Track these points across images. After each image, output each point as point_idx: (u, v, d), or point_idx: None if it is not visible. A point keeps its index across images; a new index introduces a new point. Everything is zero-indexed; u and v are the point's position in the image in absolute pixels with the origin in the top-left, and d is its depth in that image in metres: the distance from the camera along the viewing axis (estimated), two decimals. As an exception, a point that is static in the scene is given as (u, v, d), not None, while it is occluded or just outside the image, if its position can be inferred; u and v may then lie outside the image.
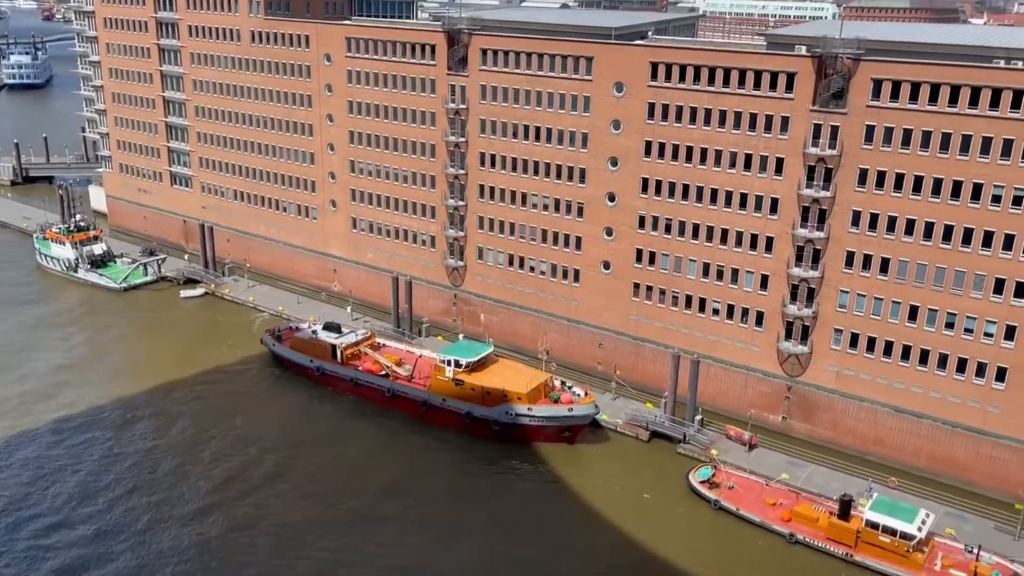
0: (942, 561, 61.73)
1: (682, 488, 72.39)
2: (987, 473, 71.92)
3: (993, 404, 70.94)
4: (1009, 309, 68.81)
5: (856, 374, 77.23)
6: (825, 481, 72.73)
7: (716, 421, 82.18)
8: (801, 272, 77.63)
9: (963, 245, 69.74)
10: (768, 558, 64.16)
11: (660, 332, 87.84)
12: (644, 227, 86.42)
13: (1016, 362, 69.28)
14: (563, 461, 76.34)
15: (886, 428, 76.34)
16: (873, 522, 62.94)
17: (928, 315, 72.69)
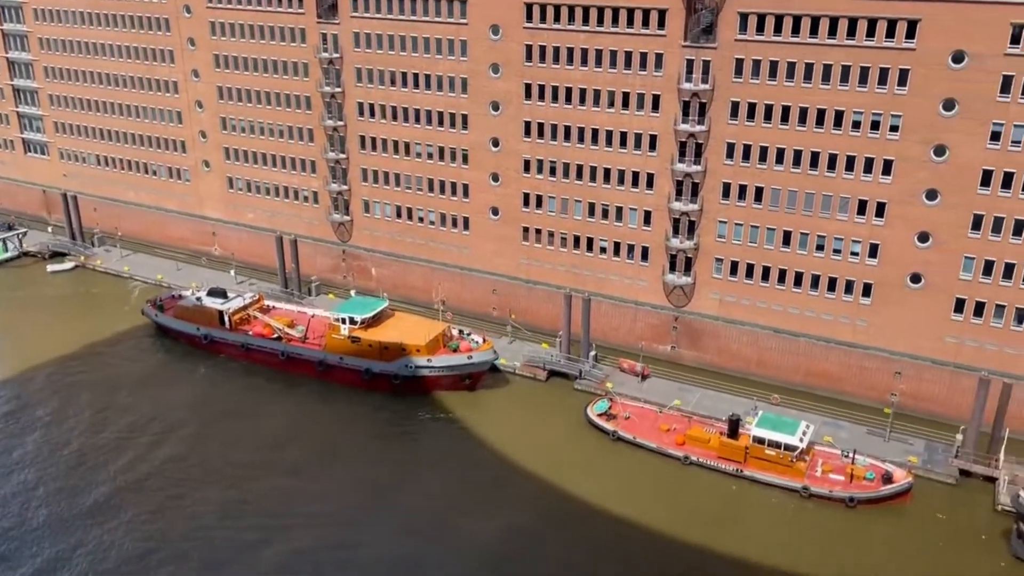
0: (822, 467, 66.35)
1: (581, 423, 74.65)
2: (858, 383, 77.33)
3: (861, 318, 76.00)
4: (871, 229, 73.33)
5: (737, 300, 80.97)
6: (714, 404, 76.51)
7: (610, 356, 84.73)
8: (681, 206, 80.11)
9: (828, 170, 73.49)
10: (666, 481, 67.30)
11: (551, 274, 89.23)
12: (529, 171, 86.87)
13: (880, 278, 74.21)
14: (466, 408, 77.19)
15: (767, 349, 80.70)
16: (759, 437, 66.81)
17: (800, 239, 76.62)
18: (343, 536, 60.92)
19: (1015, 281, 69.04)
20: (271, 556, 58.70)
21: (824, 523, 62.38)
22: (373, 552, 58.88)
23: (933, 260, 71.67)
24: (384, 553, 58.78)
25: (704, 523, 62.22)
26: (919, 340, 73.99)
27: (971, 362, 71.98)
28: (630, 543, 60.17)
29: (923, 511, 63.31)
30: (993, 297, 70.27)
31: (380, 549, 59.17)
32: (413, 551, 58.93)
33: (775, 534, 61.18)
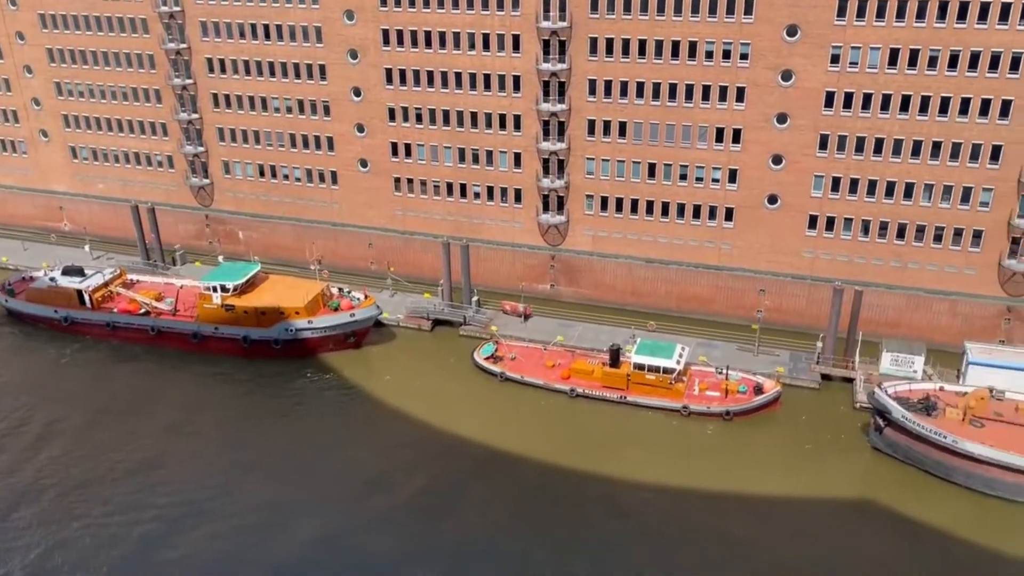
0: (699, 386, 69.98)
1: (469, 368, 75.45)
2: (727, 303, 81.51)
3: (725, 242, 79.72)
4: (730, 155, 76.49)
5: (609, 234, 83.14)
6: (595, 336, 78.92)
7: (492, 299, 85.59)
8: (549, 146, 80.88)
9: (686, 101, 75.77)
10: (554, 414, 69.32)
11: (427, 223, 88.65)
12: (395, 120, 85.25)
13: (740, 202, 77.80)
14: (353, 366, 76.39)
15: (640, 279, 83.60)
16: (639, 364, 69.59)
17: (664, 170, 79.06)
18: (235, 503, 59.64)
19: (859, 196, 73.97)
20: (179, 541, 56.72)
21: (704, 438, 66.08)
22: (288, 527, 57.87)
23: (787, 181, 75.69)
24: (294, 526, 57.92)
25: (593, 449, 64.68)
26: (779, 258, 78.46)
27: (826, 274, 77.09)
28: (524, 476, 61.87)
29: (791, 416, 68.04)
30: (841, 212, 75.11)
31: (289, 523, 58.23)
32: (324, 522, 58.31)
33: (659, 453, 64.34)
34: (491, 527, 56.93)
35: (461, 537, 56.08)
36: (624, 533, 56.15)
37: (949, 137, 69.77)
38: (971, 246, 72.70)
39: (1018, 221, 70.18)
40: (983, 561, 53.31)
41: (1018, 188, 69.61)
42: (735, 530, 56.32)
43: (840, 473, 61.67)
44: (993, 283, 73.30)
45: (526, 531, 56.57)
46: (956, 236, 72.83)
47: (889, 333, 75.22)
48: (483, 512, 58.33)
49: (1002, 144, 68.64)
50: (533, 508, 58.81)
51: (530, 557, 54.30)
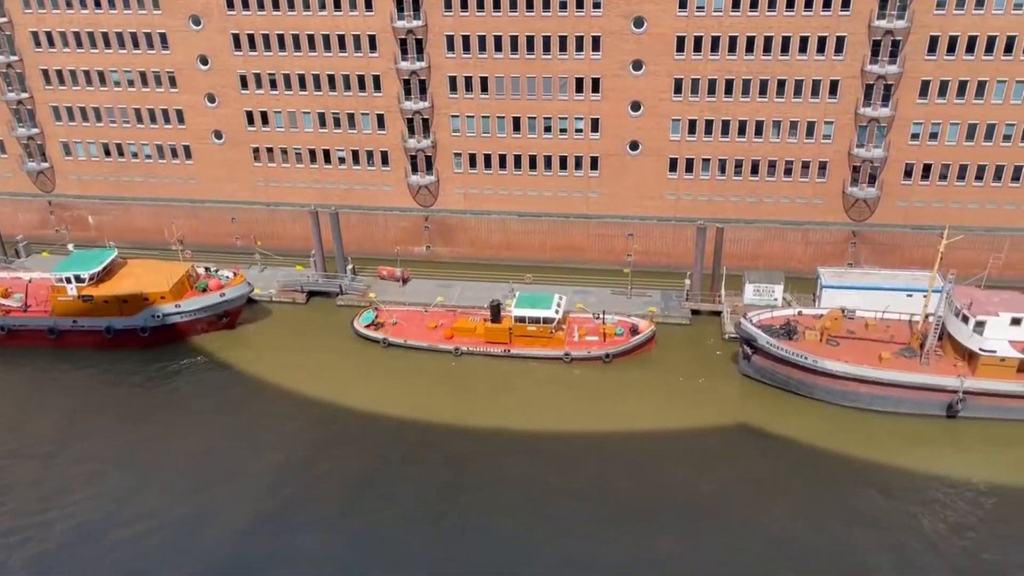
0: (578, 332, 71.87)
1: (350, 337, 74.43)
2: (599, 250, 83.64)
3: (593, 190, 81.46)
4: (591, 104, 77.77)
5: (480, 192, 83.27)
6: (475, 294, 79.39)
7: (367, 266, 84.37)
8: (413, 105, 79.70)
9: (545, 52, 76.19)
10: (441, 374, 69.60)
11: (291, 192, 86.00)
12: (248, 87, 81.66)
13: (603, 150, 79.48)
14: (229, 347, 73.76)
15: (514, 233, 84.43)
16: (520, 316, 70.66)
17: (529, 123, 79.61)
18: (123, 511, 56.65)
19: (715, 136, 77.02)
20: (43, 555, 53.68)
21: (587, 382, 68.17)
22: (163, 518, 55.62)
23: (646, 127, 77.83)
24: (173, 516, 55.78)
25: (480, 404, 65.55)
26: (644, 202, 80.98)
27: (689, 214, 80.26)
28: (413, 438, 62.03)
29: (667, 352, 71.06)
30: (699, 153, 78.08)
31: (169, 514, 56.01)
32: (203, 504, 56.52)
33: (544, 401, 65.92)
34: (387, 490, 56.94)
35: (353, 504, 55.86)
36: (516, 481, 57.43)
37: (792, 75, 73.47)
38: (818, 177, 77.35)
39: (857, 151, 75.11)
40: (845, 466, 57.93)
41: (855, 120, 74.33)
42: (622, 465, 58.70)
43: (714, 401, 65.17)
44: (839, 211, 78.47)
45: (425, 491, 56.92)
46: (804, 169, 77.25)
47: (750, 265, 79.42)
48: (379, 477, 58.19)
49: (839, 79, 72.91)
50: (428, 469, 59.14)
51: (431, 516, 54.80)
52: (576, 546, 51.97)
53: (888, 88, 72.58)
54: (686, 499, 55.58)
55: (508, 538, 52.81)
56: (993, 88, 71.14)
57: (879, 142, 74.77)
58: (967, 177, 74.98)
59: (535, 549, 51.94)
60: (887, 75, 71.85)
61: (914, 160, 75.20)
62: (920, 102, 72.71)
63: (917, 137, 74.28)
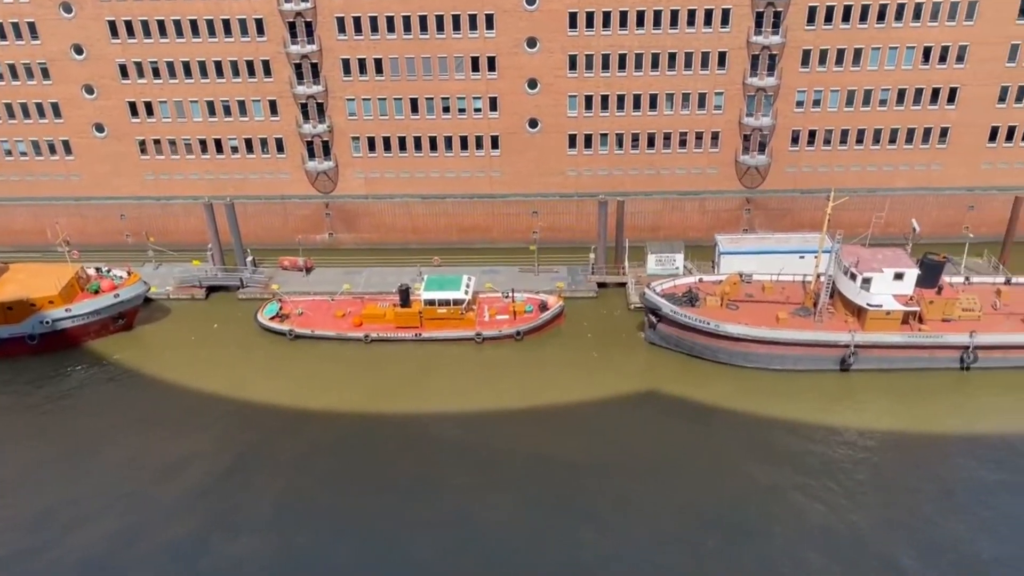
0: (489, 312, 72.16)
1: (255, 331, 72.55)
2: (504, 229, 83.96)
3: (495, 170, 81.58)
4: (488, 83, 77.64)
5: (382, 175, 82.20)
6: (382, 279, 78.54)
7: (268, 257, 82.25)
8: (305, 90, 77.74)
9: (438, 32, 75.45)
10: (352, 363, 68.70)
11: (184, 185, 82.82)
12: (129, 77, 77.88)
13: (503, 129, 79.57)
14: (127, 350, 70.69)
15: (419, 216, 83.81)
16: (430, 300, 70.39)
17: (427, 104, 78.86)
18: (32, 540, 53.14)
19: (611, 111, 78.19)
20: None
21: (499, 360, 68.61)
22: (77, 540, 53.01)
23: (544, 104, 78.31)
24: (92, 537, 53.16)
25: (395, 390, 65.12)
26: (546, 179, 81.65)
27: (590, 189, 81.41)
28: (328, 429, 61.18)
29: (576, 326, 72.18)
30: (597, 128, 79.15)
31: (86, 534, 53.31)
32: (126, 520, 53.98)
33: (460, 381, 66.04)
34: (310, 485, 56.05)
35: (280, 503, 54.79)
36: (436, 464, 57.46)
37: (682, 48, 75.17)
38: (711, 147, 79.67)
39: (747, 120, 77.68)
40: (750, 423, 60.36)
41: (743, 90, 76.77)
42: (537, 440, 59.49)
43: (624, 370, 66.67)
44: (732, 179, 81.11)
45: (345, 483, 56.27)
46: (698, 140, 79.42)
47: (651, 237, 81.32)
48: (298, 473, 57.18)
49: (727, 51, 75.05)
50: (346, 459, 58.46)
51: (353, 509, 54.28)
52: (502, 522, 52.47)
53: (773, 58, 75.21)
54: (602, 466, 56.79)
55: (438, 523, 52.83)
56: (869, 55, 74.67)
57: (767, 111, 77.53)
58: (849, 142, 78.68)
59: (466, 532, 52.19)
60: (771, 46, 74.42)
61: (800, 127, 78.35)
62: (803, 71, 75.67)
63: (802, 105, 77.37)
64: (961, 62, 74.71)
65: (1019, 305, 65.62)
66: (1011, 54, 74.24)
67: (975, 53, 74.23)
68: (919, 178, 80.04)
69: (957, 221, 79.77)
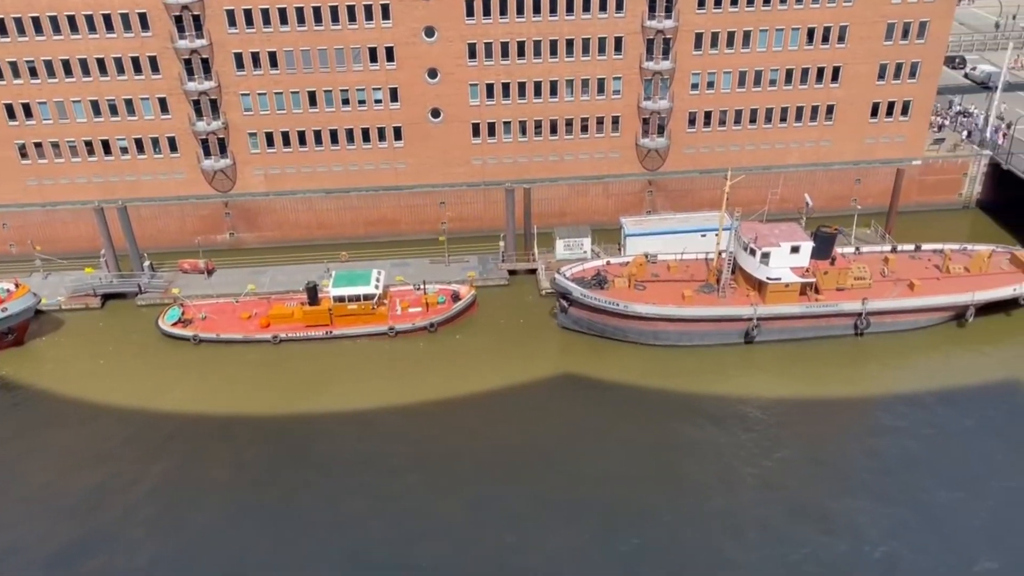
0: (401, 305, 71.51)
1: (157, 338, 69.84)
2: (413, 220, 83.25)
3: (400, 161, 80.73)
4: (387, 74, 76.63)
5: (283, 171, 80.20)
6: (289, 278, 76.70)
7: (167, 260, 79.16)
8: (197, 86, 75.02)
9: (334, 23, 73.92)
10: (261, 366, 66.93)
11: (71, 189, 78.82)
12: (3, 78, 73.49)
13: (405, 120, 78.70)
14: (19, 366, 66.83)
15: (324, 211, 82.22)
16: (339, 296, 69.16)
17: (326, 97, 77.28)
18: None
19: (512, 99, 78.40)
20: None
21: (414, 353, 68.16)
22: None
23: (445, 93, 77.88)
24: None
25: (309, 390, 63.87)
26: (452, 169, 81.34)
27: (497, 177, 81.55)
28: (239, 434, 59.58)
29: (489, 314, 72.33)
30: (500, 116, 79.27)
31: None
32: (28, 543, 51.40)
33: (374, 377, 65.27)
34: (221, 490, 54.44)
35: (207, 518, 53.04)
36: (359, 461, 56.77)
37: (579, 34, 75.95)
38: (612, 132, 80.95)
39: (645, 104, 79.23)
40: (663, 400, 61.91)
41: (641, 74, 78.24)
42: (454, 429, 59.50)
43: (538, 355, 67.24)
44: (634, 162, 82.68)
45: (257, 487, 54.93)
46: (599, 124, 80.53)
47: (559, 222, 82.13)
48: (211, 478, 55.45)
49: (623, 35, 76.27)
50: (257, 463, 57.07)
51: (278, 511, 53.07)
52: (427, 514, 52.27)
53: (667, 42, 76.89)
54: (522, 452, 57.27)
55: (362, 520, 52.20)
56: (757, 37, 77.20)
57: (664, 94, 79.25)
58: (743, 122, 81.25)
59: (388, 528, 51.75)
60: (664, 30, 76.04)
61: (696, 109, 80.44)
62: (696, 54, 77.65)
63: (697, 87, 79.43)
64: (843, 42, 78.12)
65: (905, 272, 69.34)
66: (887, 33, 78.07)
67: (855, 33, 77.75)
68: (809, 154, 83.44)
69: (846, 194, 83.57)
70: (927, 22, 77.72)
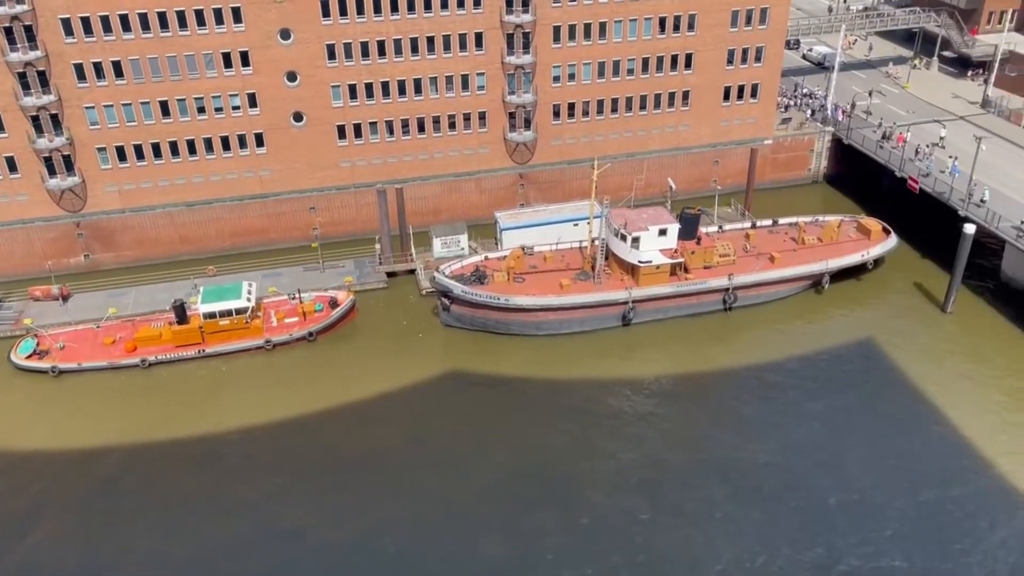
0: (276, 316, 69.27)
1: (10, 373, 64.90)
2: (282, 228, 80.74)
3: (264, 169, 78.13)
4: (243, 79, 73.93)
5: (138, 186, 76.06)
6: (153, 298, 72.84)
7: (16, 289, 73.63)
8: (34, 101, 70.01)
9: (181, 29, 70.58)
10: (130, 393, 63.40)
11: None
12: None
13: (265, 125, 76.24)
14: None
15: (186, 225, 78.56)
16: (209, 312, 66.26)
17: (179, 106, 73.79)
18: None
19: (376, 98, 77.31)
20: None
21: (294, 365, 66.28)
22: None
23: (306, 96, 75.93)
24: None
25: (180, 414, 60.97)
26: (320, 173, 79.45)
27: (367, 179, 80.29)
28: (109, 467, 56.29)
29: (369, 319, 71.21)
30: (365, 117, 77.95)
31: None
32: None
33: (252, 393, 63.01)
34: (96, 527, 51.21)
35: (63, 549, 49.64)
36: (238, 483, 54.73)
37: (439, 31, 75.71)
38: (480, 127, 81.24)
39: (510, 98, 79.93)
40: (549, 388, 62.94)
41: (503, 69, 78.86)
42: (341, 438, 58.38)
43: (424, 355, 66.84)
44: (504, 156, 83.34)
45: (141, 528, 52.04)
46: (467, 121, 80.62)
47: (434, 220, 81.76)
48: (83, 516, 52.03)
49: (483, 31, 76.59)
50: (132, 495, 54.06)
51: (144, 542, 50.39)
52: (317, 526, 51.00)
53: (527, 36, 77.81)
54: (413, 455, 56.82)
55: (250, 541, 50.32)
56: (613, 28, 79.30)
57: (527, 88, 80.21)
58: (605, 111, 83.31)
59: (273, 548, 50.15)
60: (523, 24, 76.90)
61: (559, 101, 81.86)
62: (555, 47, 78.97)
63: (558, 80, 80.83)
64: (692, 30, 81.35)
65: (765, 246, 73.14)
66: (733, 20, 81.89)
67: (703, 21, 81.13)
68: (670, 139, 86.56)
69: (706, 176, 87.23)
70: (767, 8, 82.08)
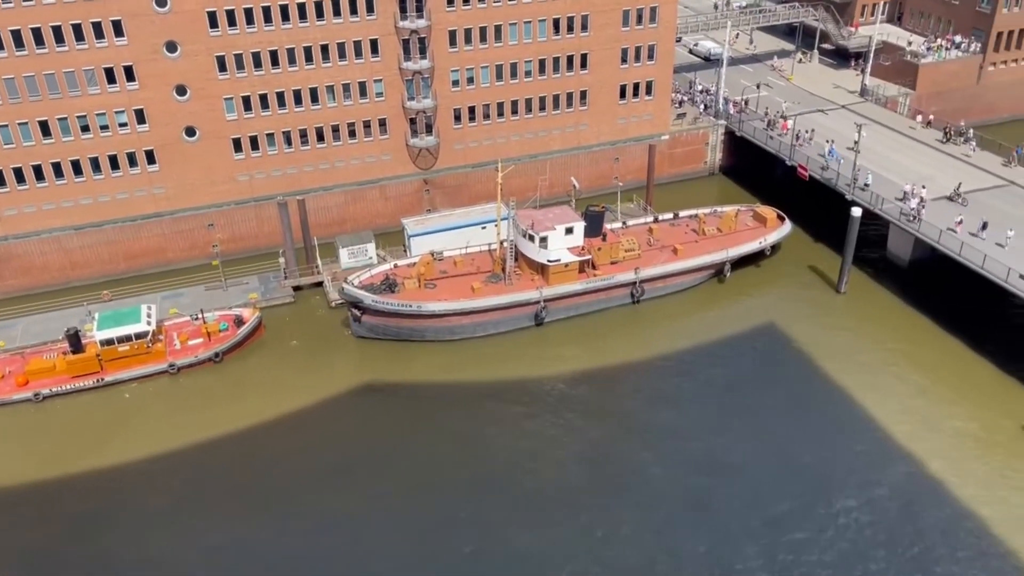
0: (179, 339, 66.72)
1: None
2: (180, 247, 77.88)
3: (156, 186, 75.18)
4: (129, 95, 70.99)
5: (19, 211, 72.05)
6: (45, 327, 69.07)
7: None
8: (-103, 125, 65.49)
9: (58, 45, 67.25)
10: (24, 430, 59.91)
11: None
12: None
13: (156, 142, 73.42)
14: None
15: (75, 250, 74.85)
16: (106, 339, 63.23)
17: (60, 125, 70.30)
18: None
19: (272, 110, 75.52)
20: None
21: (201, 388, 63.98)
22: None
23: (198, 110, 73.49)
24: None
25: (79, 450, 57.85)
26: (216, 188, 77.01)
27: (267, 192, 78.30)
28: (4, 519, 53.18)
29: (278, 335, 69.45)
30: (261, 129, 76.07)
31: None
32: None
33: (158, 421, 60.52)
34: (-11, 583, 48.24)
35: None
36: (146, 515, 52.48)
37: (333, 39, 74.54)
38: (381, 134, 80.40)
39: (409, 104, 79.41)
40: (466, 393, 62.77)
41: (401, 74, 78.30)
42: (254, 461, 56.75)
43: (337, 369, 65.64)
44: (407, 162, 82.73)
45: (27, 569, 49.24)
46: (367, 128, 79.64)
47: (339, 231, 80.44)
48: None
49: (377, 37, 75.81)
50: (25, 543, 51.09)
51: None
52: (236, 549, 49.39)
53: (422, 41, 77.47)
54: (327, 472, 55.70)
55: None
56: (508, 31, 79.85)
57: (426, 93, 79.85)
58: (505, 114, 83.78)
59: None
60: (418, 29, 76.54)
61: (460, 105, 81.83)
62: (452, 51, 78.91)
63: (457, 84, 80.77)
64: (586, 31, 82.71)
65: (667, 239, 74.99)
66: (624, 19, 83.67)
67: (596, 21, 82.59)
68: (571, 139, 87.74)
69: (607, 173, 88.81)
70: (657, 7, 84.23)
